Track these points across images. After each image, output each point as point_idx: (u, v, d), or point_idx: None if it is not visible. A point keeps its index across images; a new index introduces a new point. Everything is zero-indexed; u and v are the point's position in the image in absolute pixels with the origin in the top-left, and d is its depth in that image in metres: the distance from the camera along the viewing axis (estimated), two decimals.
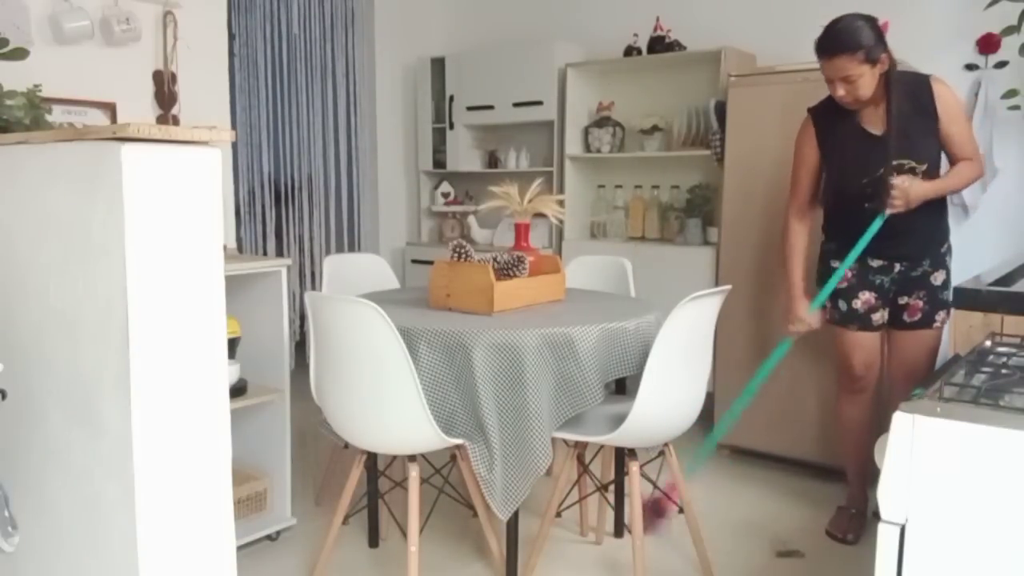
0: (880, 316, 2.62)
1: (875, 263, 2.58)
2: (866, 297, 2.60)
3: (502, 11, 4.94)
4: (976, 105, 3.31)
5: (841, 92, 2.39)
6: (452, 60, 4.76)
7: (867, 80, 2.35)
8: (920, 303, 2.55)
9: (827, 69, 2.38)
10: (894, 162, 2.42)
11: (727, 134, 3.43)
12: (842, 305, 2.64)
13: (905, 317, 2.59)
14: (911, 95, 2.41)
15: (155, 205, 1.45)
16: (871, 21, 2.36)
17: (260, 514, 2.69)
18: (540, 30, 4.75)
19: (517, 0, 4.87)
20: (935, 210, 2.52)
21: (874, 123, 2.47)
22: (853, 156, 2.49)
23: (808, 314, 2.64)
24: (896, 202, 2.38)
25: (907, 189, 2.37)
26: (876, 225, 2.42)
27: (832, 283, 2.54)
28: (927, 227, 2.53)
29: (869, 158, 2.46)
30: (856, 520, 2.74)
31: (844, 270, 2.52)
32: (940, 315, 2.55)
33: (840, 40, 2.33)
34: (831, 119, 2.56)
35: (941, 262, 2.56)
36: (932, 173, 2.45)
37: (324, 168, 4.63)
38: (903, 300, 2.58)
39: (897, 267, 2.56)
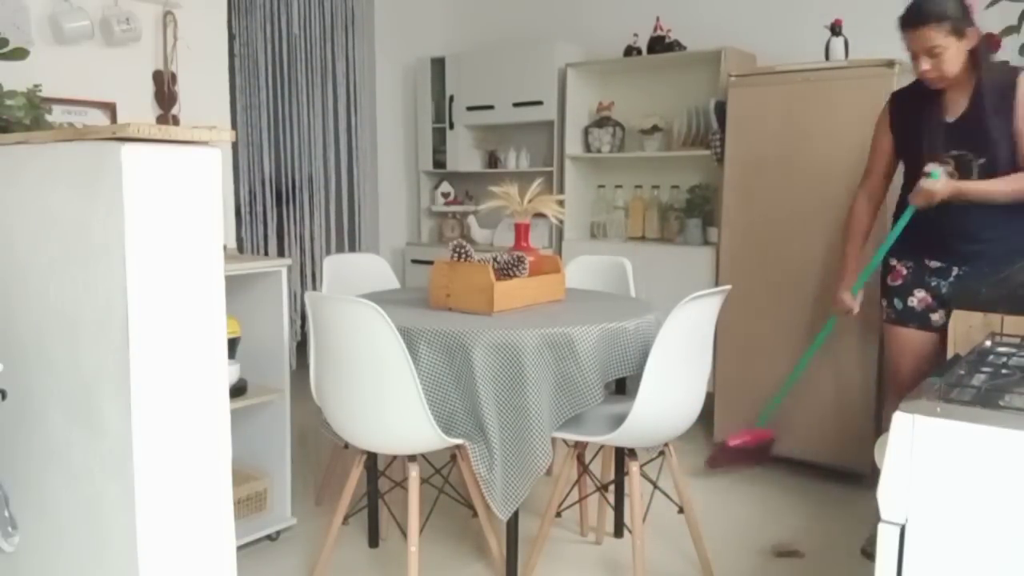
0: (939, 316, 2.49)
1: (933, 264, 2.48)
2: (922, 295, 2.50)
3: (502, 11, 4.94)
4: None
5: (926, 66, 2.28)
6: (452, 60, 4.76)
7: (953, 54, 2.25)
8: None
9: (912, 41, 2.29)
10: (954, 152, 2.34)
11: (727, 134, 3.43)
12: (897, 303, 2.54)
13: None
14: (997, 85, 2.29)
15: (155, 205, 1.45)
16: None
17: (260, 514, 2.68)
18: (540, 30, 4.75)
19: (517, 0, 4.87)
20: (1008, 211, 2.37)
21: (953, 110, 2.36)
22: (922, 144, 2.40)
23: (849, 298, 2.58)
24: (916, 198, 2.32)
25: (929, 190, 2.28)
26: (905, 217, 2.35)
27: (870, 269, 2.47)
28: (996, 230, 2.39)
29: (936, 146, 2.36)
30: None
31: (879, 259, 2.45)
32: None
33: (925, 9, 2.25)
34: (911, 105, 2.47)
35: (1010, 266, 2.41)
36: (992, 171, 2.33)
37: (324, 168, 4.63)
38: None
39: (955, 271, 2.45)
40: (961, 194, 2.31)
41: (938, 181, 2.30)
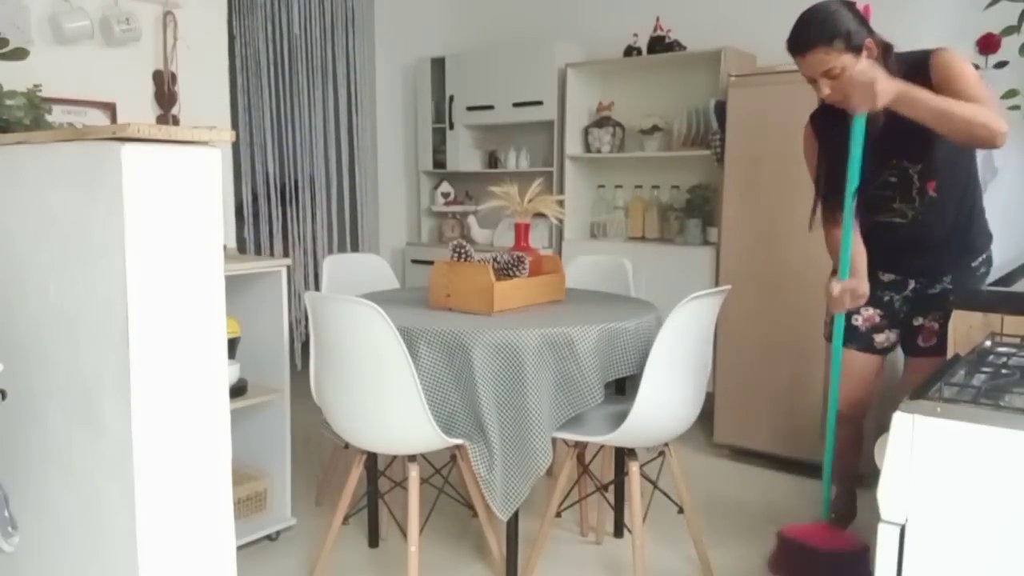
0: (885, 337, 2.32)
1: (886, 277, 2.28)
2: (869, 314, 2.30)
3: (502, 11, 4.94)
4: None
5: (827, 91, 2.02)
6: (452, 60, 4.76)
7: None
8: (936, 325, 2.20)
9: (805, 68, 2.04)
10: (893, 161, 2.14)
11: (727, 134, 3.43)
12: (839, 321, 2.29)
13: (920, 341, 2.25)
14: (910, 79, 1.94)
15: (155, 205, 1.45)
16: (847, 5, 2.02)
17: (260, 514, 2.69)
18: (540, 30, 4.75)
19: (517, 0, 4.87)
20: (962, 215, 2.17)
21: (872, 124, 2.04)
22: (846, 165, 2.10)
23: (835, 285, 2.18)
24: (856, 99, 1.92)
25: (867, 81, 1.87)
26: (859, 134, 1.99)
27: (847, 248, 2.14)
28: (951, 236, 2.18)
29: (865, 163, 2.07)
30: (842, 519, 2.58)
31: (851, 218, 2.09)
32: None
33: (811, 31, 1.99)
34: (831, 127, 2.20)
35: (969, 277, 2.20)
36: (934, 176, 2.11)
37: (325, 168, 4.63)
38: (917, 321, 2.25)
39: (911, 283, 2.25)
40: (906, 100, 1.90)
41: (878, 70, 1.91)
